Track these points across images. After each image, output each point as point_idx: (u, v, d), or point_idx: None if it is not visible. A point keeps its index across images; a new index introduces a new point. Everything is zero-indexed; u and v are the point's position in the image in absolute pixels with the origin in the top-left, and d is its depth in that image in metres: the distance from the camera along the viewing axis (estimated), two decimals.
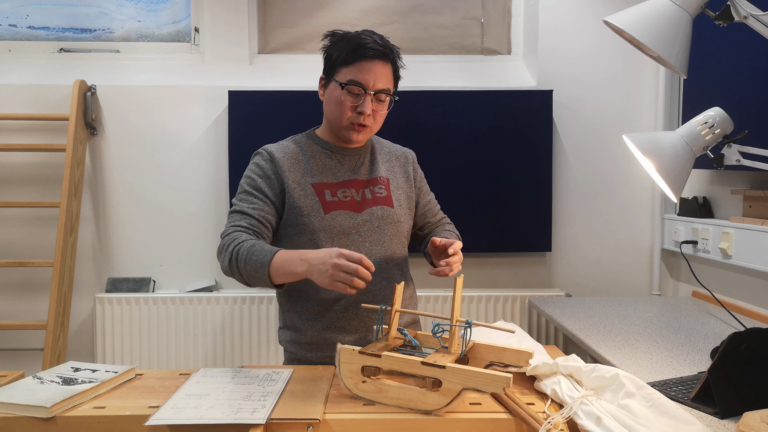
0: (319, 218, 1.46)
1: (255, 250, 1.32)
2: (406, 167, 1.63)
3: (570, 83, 2.69)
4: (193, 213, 2.68)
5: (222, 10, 2.73)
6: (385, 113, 1.51)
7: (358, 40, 1.44)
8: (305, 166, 1.51)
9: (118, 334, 2.57)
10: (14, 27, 2.81)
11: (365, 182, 1.54)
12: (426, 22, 2.87)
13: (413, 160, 1.67)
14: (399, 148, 1.67)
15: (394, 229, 1.53)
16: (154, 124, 2.67)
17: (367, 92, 1.43)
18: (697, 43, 1.48)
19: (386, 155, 1.62)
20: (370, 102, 1.44)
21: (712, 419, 1.15)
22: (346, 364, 1.13)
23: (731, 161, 1.39)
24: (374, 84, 1.44)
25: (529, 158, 2.64)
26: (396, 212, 1.54)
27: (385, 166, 1.59)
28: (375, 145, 1.62)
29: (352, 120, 1.46)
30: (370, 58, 1.43)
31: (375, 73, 1.43)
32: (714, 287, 2.27)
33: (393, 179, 1.59)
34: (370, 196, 1.52)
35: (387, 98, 1.48)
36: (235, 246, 1.35)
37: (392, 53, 1.48)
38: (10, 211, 2.64)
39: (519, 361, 1.24)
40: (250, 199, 1.46)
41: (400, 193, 1.58)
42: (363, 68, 1.43)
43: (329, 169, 1.52)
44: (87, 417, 1.08)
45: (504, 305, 2.62)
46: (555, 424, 1.02)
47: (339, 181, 1.51)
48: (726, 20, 1.26)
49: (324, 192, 1.48)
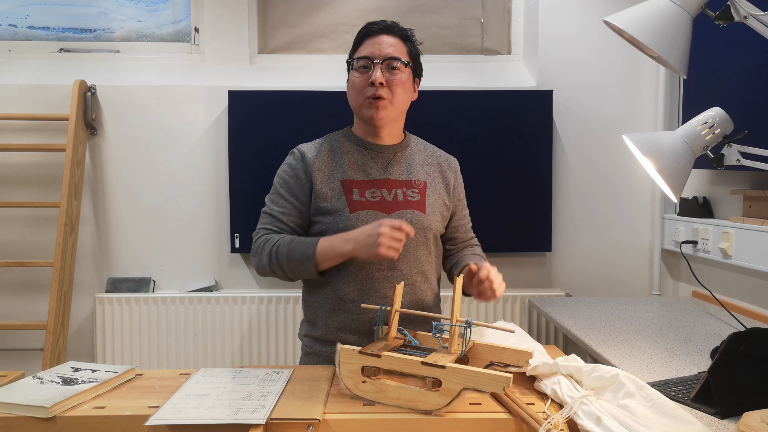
0: (344, 217, 1.44)
1: (295, 244, 1.40)
2: (447, 174, 1.58)
3: (570, 83, 2.69)
4: (193, 213, 2.68)
5: (222, 10, 2.73)
6: (404, 86, 1.46)
7: (365, 24, 1.49)
8: (336, 163, 1.49)
9: (118, 334, 2.57)
10: (14, 27, 2.81)
11: (400, 183, 1.50)
12: (426, 22, 2.87)
13: (456, 168, 1.62)
14: (444, 154, 1.63)
15: (421, 236, 1.48)
16: (154, 124, 2.67)
17: (374, 62, 1.43)
18: (697, 43, 1.48)
19: (427, 157, 1.57)
20: (379, 71, 1.42)
21: (712, 419, 1.15)
22: (346, 364, 1.13)
23: (731, 161, 1.39)
24: (380, 52, 1.43)
25: (529, 158, 2.64)
26: (427, 218, 1.49)
27: (424, 169, 1.55)
28: (415, 145, 1.58)
29: (366, 94, 1.44)
30: (375, 33, 1.45)
31: (381, 43, 1.44)
32: (714, 287, 2.27)
33: (431, 184, 1.53)
34: (402, 198, 1.48)
35: (401, 66, 1.44)
36: (273, 244, 1.42)
37: (399, 28, 1.48)
38: (10, 211, 2.64)
39: (519, 360, 1.24)
40: (281, 201, 1.49)
41: (435, 199, 1.53)
42: (368, 43, 1.45)
43: (361, 165, 1.49)
44: (87, 417, 1.08)
45: (504, 305, 2.62)
46: (555, 424, 1.02)
47: (370, 179, 1.48)
48: (726, 20, 1.26)
49: (352, 191, 1.46)
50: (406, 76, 1.47)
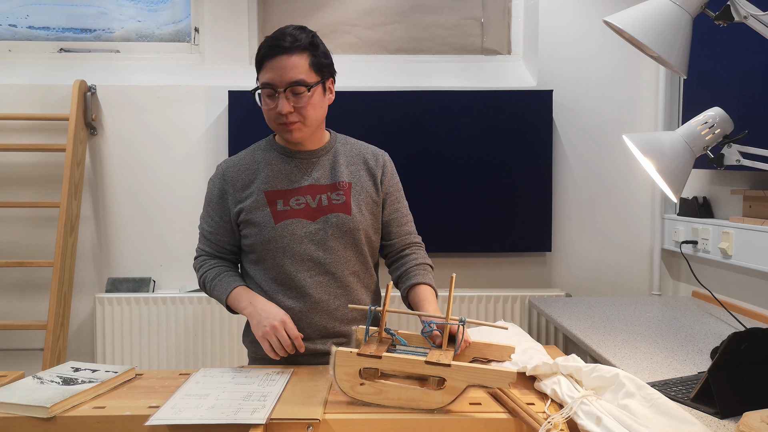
0: (269, 228, 1.44)
1: (216, 284, 1.49)
2: (373, 170, 1.53)
3: (570, 83, 2.69)
4: (193, 213, 2.68)
5: (222, 10, 2.73)
6: (314, 104, 1.42)
7: (263, 41, 1.42)
8: (259, 174, 1.49)
9: (118, 334, 2.57)
10: (14, 27, 2.81)
11: (324, 188, 1.48)
12: (426, 22, 2.87)
13: (384, 162, 1.56)
14: (371, 150, 1.57)
15: (349, 237, 1.47)
16: (155, 124, 2.67)
17: (277, 91, 1.39)
18: (697, 43, 1.48)
19: (352, 157, 1.54)
20: (285, 100, 1.39)
21: (712, 419, 1.15)
22: (343, 367, 1.12)
23: (731, 161, 1.39)
24: (281, 79, 1.38)
25: (529, 158, 2.64)
26: (353, 219, 1.47)
27: (349, 169, 1.51)
28: (341, 147, 1.54)
29: (278, 121, 1.42)
30: (272, 56, 1.39)
31: (280, 69, 1.38)
32: (714, 287, 2.27)
33: (356, 183, 1.51)
34: (327, 202, 1.47)
35: (304, 90, 1.39)
36: (202, 274, 1.53)
37: (297, 41, 1.39)
38: (10, 211, 2.64)
39: (502, 356, 1.25)
40: (208, 219, 1.54)
41: (362, 198, 1.50)
42: (269, 67, 1.40)
43: (285, 174, 1.48)
44: (87, 417, 1.08)
45: (504, 305, 2.62)
46: (555, 424, 1.02)
47: (294, 187, 1.47)
48: (726, 20, 1.26)
49: (276, 201, 1.46)
50: (314, 94, 1.41)
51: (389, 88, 2.66)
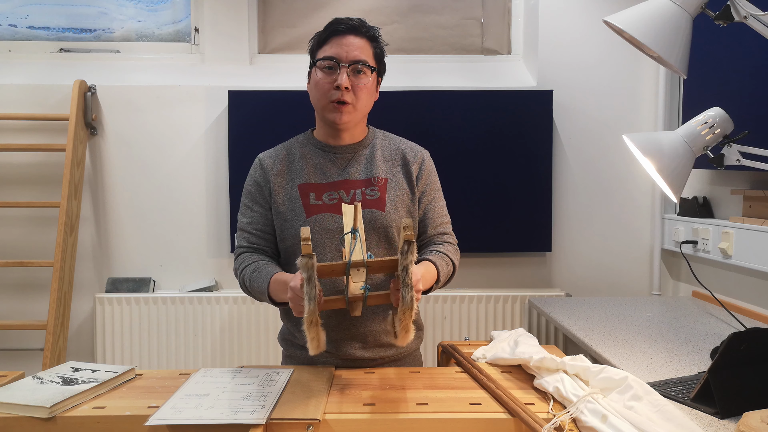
0: (301, 221, 1.43)
1: (254, 277, 1.39)
2: (410, 167, 1.51)
3: (570, 83, 2.69)
4: (193, 213, 2.68)
5: (222, 10, 2.73)
6: (368, 90, 1.44)
7: (332, 21, 1.45)
8: (295, 168, 1.49)
9: (118, 334, 2.57)
10: (14, 27, 2.81)
11: (359, 183, 1.46)
12: (426, 22, 2.87)
13: (422, 159, 1.53)
14: (410, 146, 1.55)
15: (382, 234, 1.44)
16: (154, 124, 2.67)
17: (341, 65, 1.40)
18: (697, 43, 1.48)
19: (390, 153, 1.52)
20: (345, 75, 1.40)
21: (712, 419, 1.15)
22: None
23: (731, 161, 1.39)
24: (347, 55, 1.40)
25: (529, 158, 2.64)
26: (387, 215, 1.44)
27: (386, 165, 1.50)
28: (379, 142, 1.54)
29: (331, 98, 1.41)
30: (342, 33, 1.42)
31: (347, 45, 1.41)
32: (714, 287, 2.27)
33: (392, 179, 1.48)
34: (361, 198, 1.46)
35: (366, 71, 1.42)
36: (241, 272, 1.44)
37: (366, 28, 1.44)
38: (10, 211, 2.64)
39: None
40: (247, 212, 1.51)
41: (397, 195, 1.47)
42: (335, 43, 1.42)
43: (320, 168, 1.48)
44: (87, 417, 1.08)
45: (504, 305, 2.62)
46: (562, 423, 1.02)
47: (328, 181, 1.47)
48: (726, 20, 1.26)
49: (309, 194, 1.45)
50: (371, 80, 1.45)
51: (389, 88, 2.65)
